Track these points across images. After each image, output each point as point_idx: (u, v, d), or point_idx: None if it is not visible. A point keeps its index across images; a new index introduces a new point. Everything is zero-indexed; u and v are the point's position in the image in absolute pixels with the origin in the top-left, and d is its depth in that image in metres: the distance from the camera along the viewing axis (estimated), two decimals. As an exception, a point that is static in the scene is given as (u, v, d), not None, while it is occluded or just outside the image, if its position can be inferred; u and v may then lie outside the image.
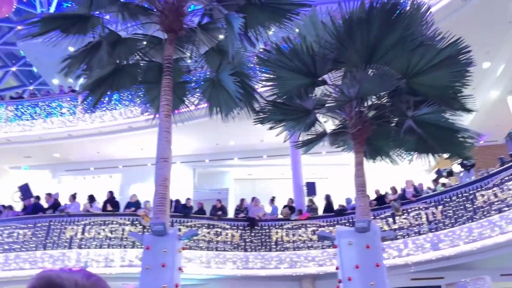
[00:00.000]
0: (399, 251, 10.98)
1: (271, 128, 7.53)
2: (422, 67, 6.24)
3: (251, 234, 12.20)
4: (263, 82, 7.38)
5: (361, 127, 6.72)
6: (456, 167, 13.53)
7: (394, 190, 12.41)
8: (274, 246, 12.01)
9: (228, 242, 12.09)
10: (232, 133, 14.86)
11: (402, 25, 6.05)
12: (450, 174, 13.90)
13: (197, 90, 8.17)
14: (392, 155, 7.70)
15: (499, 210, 9.96)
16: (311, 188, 14.16)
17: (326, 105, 7.07)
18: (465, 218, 10.50)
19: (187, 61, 8.27)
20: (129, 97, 10.91)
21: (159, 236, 5.95)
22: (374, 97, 7.02)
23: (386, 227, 11.35)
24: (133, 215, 12.19)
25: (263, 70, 7.21)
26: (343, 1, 6.17)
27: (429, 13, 6.40)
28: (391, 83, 6.21)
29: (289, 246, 11.95)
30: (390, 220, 11.55)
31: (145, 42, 7.71)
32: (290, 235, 12.08)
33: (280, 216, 12.79)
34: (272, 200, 13.77)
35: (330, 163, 16.63)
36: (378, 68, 6.13)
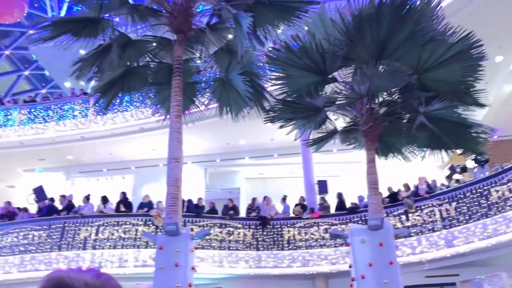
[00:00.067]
0: (413, 249, 10.89)
1: (281, 126, 7.51)
2: (433, 63, 6.17)
3: (263, 233, 12.20)
4: (273, 81, 7.38)
5: (372, 124, 6.68)
6: (469, 163, 13.36)
7: (407, 187, 12.30)
8: (287, 245, 12.00)
9: (240, 241, 12.11)
10: (242, 132, 14.87)
11: (412, 20, 5.99)
12: (464, 170, 13.74)
13: (207, 90, 8.20)
14: (404, 152, 7.63)
15: (515, 206, 9.82)
16: (323, 186, 14.12)
17: (337, 102, 7.04)
18: (479, 214, 10.37)
19: (197, 61, 8.31)
20: (140, 98, 10.96)
21: (172, 236, 6.00)
22: (385, 93, 6.97)
23: (399, 225, 11.26)
24: (146, 216, 12.28)
25: (273, 68, 7.20)
26: (352, -3, 6.13)
27: (439, 7, 6.31)
28: (402, 79, 6.16)
29: (301, 245, 11.92)
30: (403, 217, 11.46)
31: (154, 44, 7.76)
32: (302, 234, 12.06)
33: (292, 214, 12.77)
34: (283, 198, 13.73)
35: (341, 161, 16.50)
36: (389, 64, 6.09)
